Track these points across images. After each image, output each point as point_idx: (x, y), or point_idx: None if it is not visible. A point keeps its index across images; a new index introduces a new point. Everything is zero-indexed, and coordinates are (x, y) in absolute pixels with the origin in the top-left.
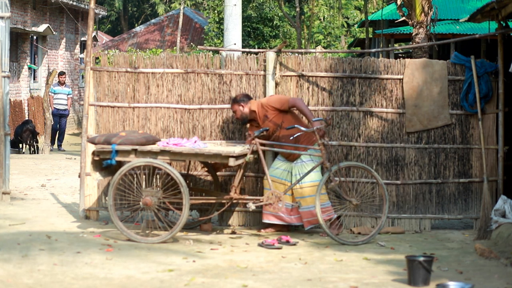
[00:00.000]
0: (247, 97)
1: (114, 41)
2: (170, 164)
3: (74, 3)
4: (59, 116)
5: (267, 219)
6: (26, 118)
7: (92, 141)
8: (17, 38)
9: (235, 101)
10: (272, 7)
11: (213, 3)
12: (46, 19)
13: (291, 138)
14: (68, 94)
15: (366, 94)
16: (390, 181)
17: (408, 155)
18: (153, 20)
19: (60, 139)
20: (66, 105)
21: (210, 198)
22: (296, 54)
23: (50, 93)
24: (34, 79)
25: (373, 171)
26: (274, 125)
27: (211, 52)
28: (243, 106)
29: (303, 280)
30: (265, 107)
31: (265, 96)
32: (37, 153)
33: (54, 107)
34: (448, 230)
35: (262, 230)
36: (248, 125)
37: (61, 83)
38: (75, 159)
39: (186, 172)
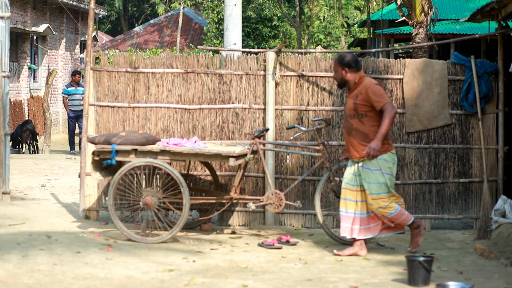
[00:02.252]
0: (358, 66)
1: (113, 41)
2: (170, 164)
3: (74, 3)
4: (76, 118)
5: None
6: (26, 118)
7: (92, 141)
8: (17, 38)
9: (341, 63)
10: (271, 8)
11: (212, 3)
12: (46, 19)
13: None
14: (83, 94)
15: None
16: None
17: (408, 155)
18: (152, 21)
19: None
20: (82, 105)
21: (210, 198)
22: (296, 54)
23: (63, 95)
24: (34, 79)
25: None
26: (353, 111)
27: (211, 52)
28: (346, 72)
29: (303, 280)
30: (365, 89)
31: (265, 96)
32: (37, 153)
33: (70, 109)
34: (448, 230)
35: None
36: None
37: (75, 83)
38: (75, 159)
39: (186, 172)
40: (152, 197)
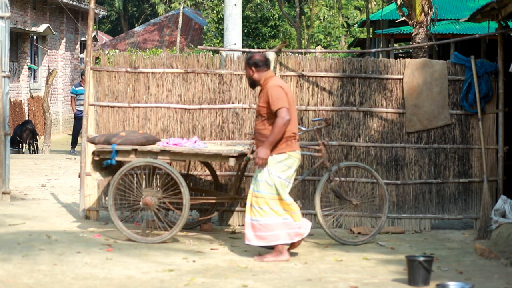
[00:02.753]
0: (265, 65)
1: (113, 41)
2: (170, 164)
3: (74, 3)
4: (80, 118)
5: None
6: (26, 118)
7: (92, 141)
8: (17, 38)
9: (247, 62)
10: (269, 8)
11: (212, 3)
12: (46, 19)
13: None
14: None
15: (366, 94)
16: (390, 181)
17: (408, 155)
18: (152, 20)
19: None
20: None
21: (210, 198)
22: (296, 54)
23: (71, 94)
24: (34, 79)
25: (373, 171)
26: (257, 112)
27: (211, 52)
28: (253, 72)
29: (303, 280)
30: (266, 91)
31: None
32: (37, 153)
33: (77, 109)
34: (448, 230)
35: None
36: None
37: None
38: (75, 159)
39: (186, 172)
40: (152, 197)
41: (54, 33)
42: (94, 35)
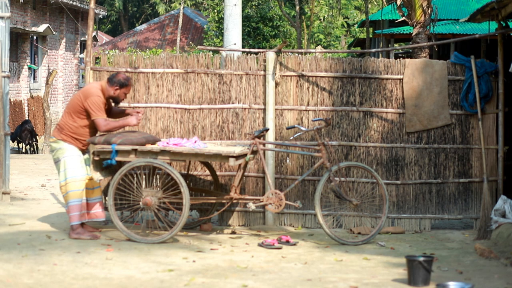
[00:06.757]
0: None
1: (114, 40)
2: (170, 164)
3: (74, 3)
4: None
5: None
6: (26, 118)
7: (92, 141)
8: (17, 38)
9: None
10: (271, 7)
11: (212, 2)
12: (46, 19)
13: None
14: None
15: (366, 94)
16: (390, 181)
17: (408, 155)
18: (154, 20)
19: None
20: None
21: (210, 198)
22: (296, 54)
23: None
24: (34, 79)
25: (373, 171)
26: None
27: (211, 52)
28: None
29: (303, 280)
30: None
31: (265, 96)
32: (37, 153)
33: None
34: (448, 230)
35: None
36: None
37: None
38: None
39: (186, 172)
40: (152, 197)
41: (54, 33)
42: (94, 35)
